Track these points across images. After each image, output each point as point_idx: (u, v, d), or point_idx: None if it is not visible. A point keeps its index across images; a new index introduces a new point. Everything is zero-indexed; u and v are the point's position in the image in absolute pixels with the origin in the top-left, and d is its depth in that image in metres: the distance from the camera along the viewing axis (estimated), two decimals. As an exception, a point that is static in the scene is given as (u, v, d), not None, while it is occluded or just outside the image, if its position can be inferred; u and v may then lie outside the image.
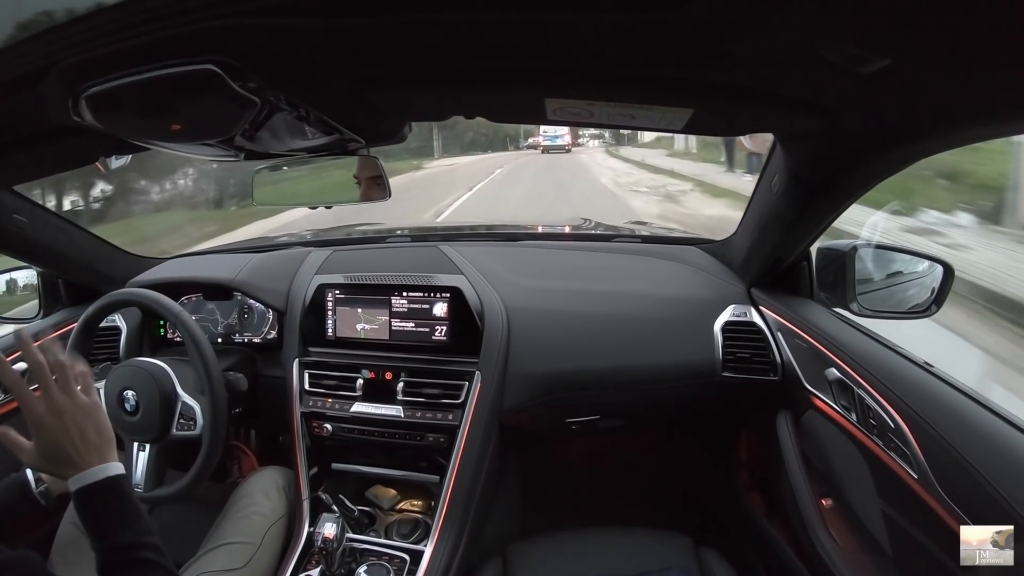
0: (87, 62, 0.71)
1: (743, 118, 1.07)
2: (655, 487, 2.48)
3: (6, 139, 1.05)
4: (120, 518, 1.00)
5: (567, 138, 32.81)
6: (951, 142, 1.01)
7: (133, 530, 1.00)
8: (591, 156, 30.46)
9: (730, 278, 1.93)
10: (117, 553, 0.98)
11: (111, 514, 1.00)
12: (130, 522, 1.01)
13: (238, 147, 1.05)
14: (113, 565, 0.97)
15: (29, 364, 0.98)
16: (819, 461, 1.59)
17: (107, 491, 1.01)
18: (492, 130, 35.78)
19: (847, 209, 1.36)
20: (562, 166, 23.77)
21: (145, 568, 0.98)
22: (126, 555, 0.98)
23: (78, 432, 1.00)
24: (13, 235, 1.72)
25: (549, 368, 1.82)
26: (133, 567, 0.97)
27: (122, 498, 1.02)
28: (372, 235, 2.59)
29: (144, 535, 1.00)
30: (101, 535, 0.99)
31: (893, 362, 1.31)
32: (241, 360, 1.97)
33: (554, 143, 32.91)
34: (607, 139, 37.85)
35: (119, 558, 0.98)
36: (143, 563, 0.97)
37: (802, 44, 0.69)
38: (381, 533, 1.78)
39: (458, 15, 0.65)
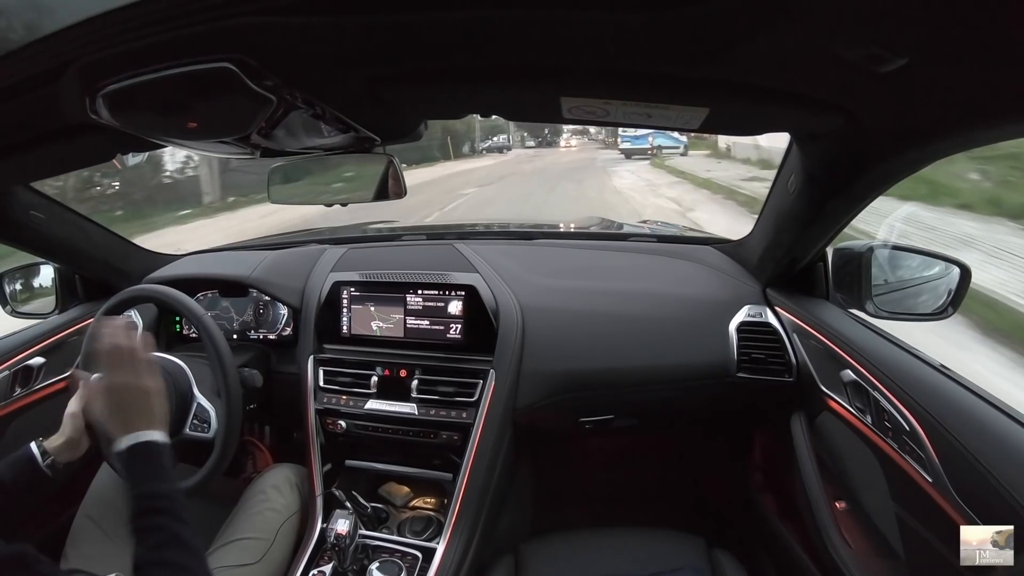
0: (104, 60, 0.71)
1: (759, 117, 1.06)
2: (668, 488, 2.47)
3: (24, 136, 1.05)
4: (157, 474, 1.14)
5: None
6: (969, 142, 1.00)
7: (166, 485, 1.12)
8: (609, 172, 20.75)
9: (745, 278, 1.92)
10: (150, 499, 1.10)
11: (151, 469, 1.14)
12: (164, 480, 1.13)
13: (254, 145, 1.06)
14: (143, 509, 1.09)
15: (110, 347, 1.18)
16: (833, 463, 1.58)
17: (152, 451, 1.15)
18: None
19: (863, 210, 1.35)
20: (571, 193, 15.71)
21: (170, 515, 1.08)
22: (156, 503, 1.09)
23: (141, 403, 1.18)
24: (31, 231, 1.74)
25: (563, 367, 1.82)
26: (159, 513, 1.08)
27: (162, 460, 1.16)
28: (387, 233, 2.60)
29: (173, 493, 1.12)
30: (138, 483, 1.12)
31: (909, 364, 1.30)
32: (256, 356, 1.98)
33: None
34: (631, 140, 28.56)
35: (151, 505, 1.09)
36: (167, 511, 1.08)
37: (819, 43, 0.69)
38: (394, 530, 1.79)
39: (472, 13, 0.65)
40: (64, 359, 2.02)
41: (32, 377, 1.91)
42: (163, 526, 1.08)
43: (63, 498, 1.83)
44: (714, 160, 20.65)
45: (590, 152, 31.95)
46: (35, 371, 1.92)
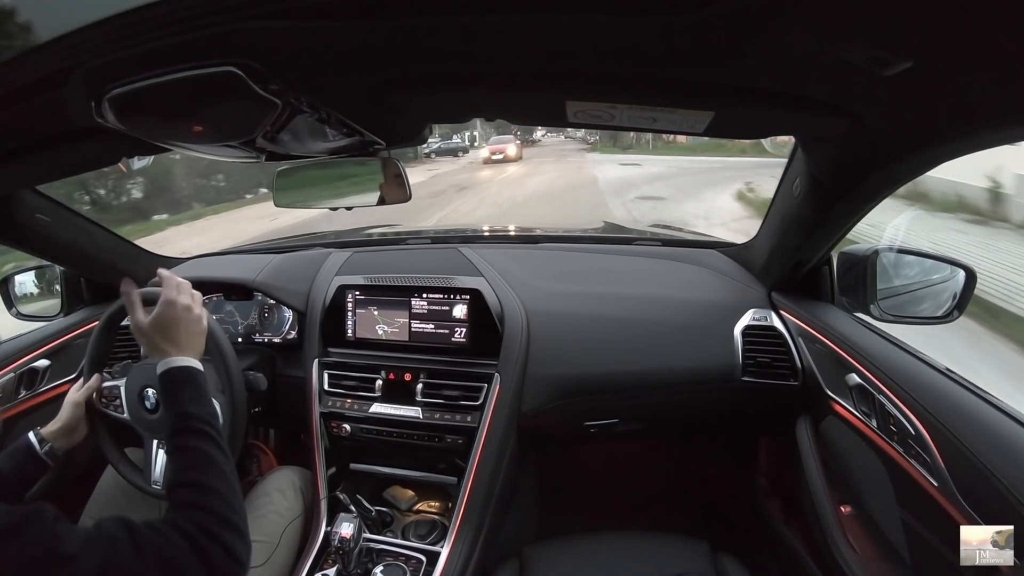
0: (110, 64, 0.71)
1: (765, 121, 1.06)
2: (673, 492, 2.47)
3: (30, 139, 1.06)
4: (193, 397, 1.24)
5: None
6: (974, 145, 1.00)
7: (202, 408, 1.22)
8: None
9: (750, 282, 1.92)
10: (185, 420, 1.19)
11: (187, 392, 1.24)
12: (201, 403, 1.24)
13: (259, 148, 1.06)
14: (179, 429, 1.18)
15: (171, 290, 1.35)
16: (838, 468, 1.58)
17: (190, 376, 1.26)
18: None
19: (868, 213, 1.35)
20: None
21: (203, 437, 1.17)
22: (190, 423, 1.18)
23: (186, 333, 1.32)
24: (36, 234, 1.74)
25: (568, 371, 1.82)
26: (193, 433, 1.17)
27: (198, 385, 1.26)
28: (392, 237, 2.60)
29: (209, 416, 1.22)
30: (175, 404, 1.22)
31: (914, 368, 1.30)
32: (261, 360, 1.98)
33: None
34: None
35: (184, 424, 1.18)
36: (201, 433, 1.17)
37: (822, 46, 0.69)
38: (398, 533, 1.79)
39: (478, 17, 0.65)
40: (69, 361, 2.03)
41: (37, 379, 1.93)
42: (195, 447, 1.15)
43: (68, 501, 1.83)
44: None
45: (575, 159, 27.90)
46: (40, 373, 1.93)
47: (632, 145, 30.21)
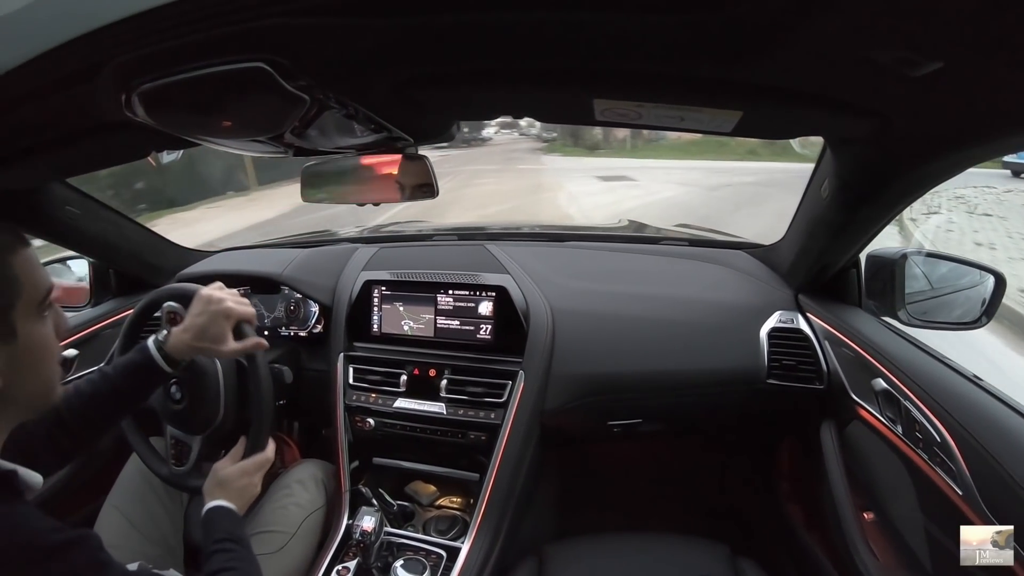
0: (139, 59, 0.72)
1: (792, 121, 1.05)
2: (694, 494, 2.46)
3: (61, 133, 1.08)
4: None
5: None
6: (1005, 147, 0.98)
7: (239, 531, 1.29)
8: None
9: (777, 284, 1.91)
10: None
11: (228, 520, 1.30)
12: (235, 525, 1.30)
13: (288, 144, 1.07)
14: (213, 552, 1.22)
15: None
16: (862, 473, 1.56)
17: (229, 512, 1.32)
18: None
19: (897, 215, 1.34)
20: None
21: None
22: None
23: (239, 496, 1.35)
24: (66, 226, 1.78)
25: (593, 370, 1.82)
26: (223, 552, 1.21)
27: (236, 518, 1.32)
28: (418, 233, 2.61)
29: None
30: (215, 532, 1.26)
31: (941, 374, 1.29)
32: (286, 353, 2.00)
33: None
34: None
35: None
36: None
37: (850, 46, 0.68)
38: (419, 528, 1.80)
39: (505, 15, 0.65)
40: (97, 351, 2.07)
41: (66, 369, 1.95)
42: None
43: (91, 488, 1.87)
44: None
45: (530, 164, 20.70)
46: (69, 363, 1.96)
47: (600, 145, 23.63)
